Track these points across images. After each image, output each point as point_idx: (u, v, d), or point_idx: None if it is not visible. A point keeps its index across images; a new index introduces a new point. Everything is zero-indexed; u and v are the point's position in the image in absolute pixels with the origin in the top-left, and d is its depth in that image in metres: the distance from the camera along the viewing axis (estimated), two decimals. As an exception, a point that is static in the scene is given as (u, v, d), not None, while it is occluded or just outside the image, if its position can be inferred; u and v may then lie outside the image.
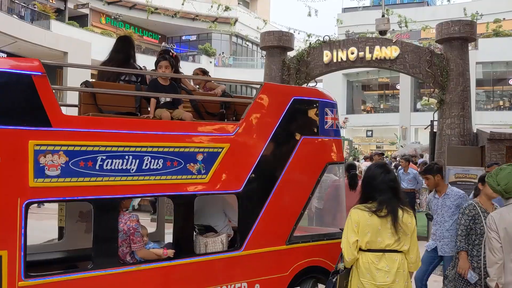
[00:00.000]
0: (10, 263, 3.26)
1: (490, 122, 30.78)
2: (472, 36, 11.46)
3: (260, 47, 13.80)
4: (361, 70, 36.72)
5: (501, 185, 3.82)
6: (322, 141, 4.93)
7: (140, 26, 36.78)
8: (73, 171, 3.50)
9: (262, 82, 4.81)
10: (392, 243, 3.44)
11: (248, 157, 4.42)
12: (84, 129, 3.59)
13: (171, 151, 3.95)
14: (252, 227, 4.43)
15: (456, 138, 11.16)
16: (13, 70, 3.36)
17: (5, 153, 3.27)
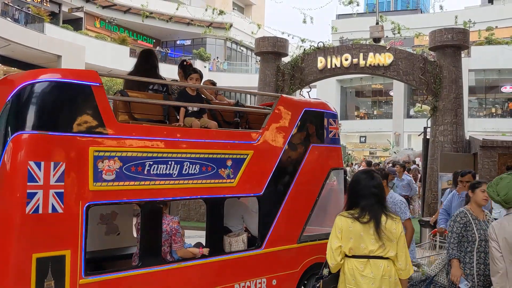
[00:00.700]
0: (73, 262, 3.48)
1: (482, 129, 30.99)
2: (465, 43, 11.54)
3: (254, 53, 13.82)
4: (354, 77, 36.87)
5: (501, 195, 3.82)
6: (327, 148, 5.42)
7: (134, 30, 36.76)
8: (126, 175, 3.77)
9: (279, 94, 5.43)
10: (376, 249, 3.40)
11: (268, 163, 4.85)
12: (134, 136, 3.87)
13: (206, 157, 4.32)
14: (271, 227, 4.87)
15: (449, 145, 11.21)
16: (75, 81, 3.59)
17: (69, 159, 3.50)
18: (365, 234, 3.42)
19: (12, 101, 3.44)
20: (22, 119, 3.40)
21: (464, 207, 4.74)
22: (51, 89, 3.51)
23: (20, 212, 3.29)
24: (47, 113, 3.49)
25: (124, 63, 30.67)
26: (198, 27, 34.89)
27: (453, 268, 4.48)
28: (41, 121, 3.44)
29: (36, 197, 3.34)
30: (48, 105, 3.50)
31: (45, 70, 3.73)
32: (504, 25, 32.19)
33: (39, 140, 3.40)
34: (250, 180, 4.71)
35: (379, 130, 37.07)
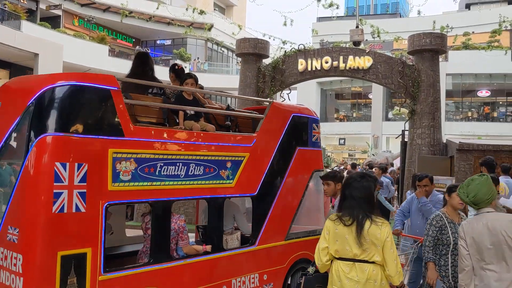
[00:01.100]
0: (93, 259, 3.63)
1: (459, 133, 31.53)
2: (443, 48, 11.73)
3: (235, 54, 13.81)
4: (334, 79, 37.13)
5: (470, 197, 3.90)
6: (310, 151, 5.80)
7: (114, 29, 36.35)
8: (140, 176, 3.96)
9: (271, 100, 5.72)
10: (360, 253, 3.42)
11: (261, 165, 5.15)
12: (148, 138, 4.05)
13: (209, 159, 4.56)
14: (263, 225, 5.18)
15: (426, 147, 11.36)
16: (96, 85, 3.73)
17: (91, 160, 3.64)
18: (350, 237, 3.44)
19: (36, 104, 3.54)
20: (48, 122, 3.52)
21: (440, 210, 4.82)
22: (74, 92, 3.63)
23: (47, 211, 3.41)
24: (71, 116, 3.62)
25: (103, 62, 30.32)
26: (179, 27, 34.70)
27: (429, 271, 4.55)
28: (66, 124, 3.56)
29: (61, 197, 3.47)
30: (72, 108, 3.63)
31: (64, 74, 3.87)
32: (480, 31, 32.82)
33: (65, 142, 3.53)
34: (246, 181, 4.99)
35: (358, 132, 37.41)
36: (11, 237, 3.49)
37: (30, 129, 3.54)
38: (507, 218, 3.82)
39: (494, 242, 3.72)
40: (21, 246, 3.43)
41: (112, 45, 33.65)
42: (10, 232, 3.50)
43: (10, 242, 3.48)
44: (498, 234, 3.71)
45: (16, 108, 3.67)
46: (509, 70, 33.85)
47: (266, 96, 12.68)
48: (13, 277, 3.45)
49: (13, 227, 3.48)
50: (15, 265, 3.43)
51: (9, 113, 3.74)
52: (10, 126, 3.68)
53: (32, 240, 3.42)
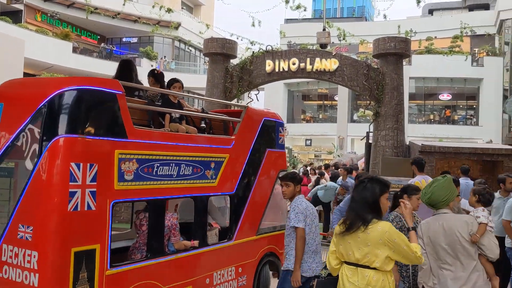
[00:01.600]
0: (101, 255, 3.81)
1: (421, 135, 32.31)
2: (407, 52, 12.00)
3: (203, 53, 13.73)
4: (301, 80, 37.44)
5: (426, 198, 4.02)
6: (277, 152, 6.24)
7: (78, 26, 35.52)
8: (140, 176, 4.19)
9: (246, 105, 6.12)
10: (361, 258, 3.35)
11: (239, 165, 5.52)
12: (147, 140, 4.28)
13: (197, 160, 4.86)
14: (239, 221, 5.56)
15: (390, 149, 11.59)
16: (104, 89, 3.93)
17: (101, 160, 3.84)
18: (351, 241, 3.39)
19: (48, 106, 3.70)
20: (62, 124, 3.68)
21: (397, 211, 4.88)
22: (86, 96, 3.82)
23: (63, 209, 3.57)
24: (84, 119, 3.80)
25: (67, 60, 29.59)
26: (145, 25, 34.22)
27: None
28: (79, 126, 3.74)
29: (76, 195, 3.64)
30: (84, 111, 3.81)
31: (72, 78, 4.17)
32: (442, 36, 33.78)
33: (79, 143, 3.71)
34: (226, 181, 5.35)
35: (324, 133, 37.84)
36: (24, 235, 3.59)
37: (44, 131, 3.69)
38: (461, 219, 3.95)
39: (449, 242, 3.85)
40: (36, 243, 3.54)
41: (76, 42, 32.89)
42: (22, 230, 3.60)
43: (23, 240, 3.58)
44: (453, 234, 3.83)
45: (25, 109, 3.80)
46: (469, 74, 34.99)
47: (233, 97, 12.67)
48: (26, 274, 3.56)
49: (26, 225, 3.59)
50: (29, 262, 3.54)
51: (16, 114, 3.86)
52: (18, 127, 3.78)
53: (48, 238, 3.56)
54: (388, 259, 3.33)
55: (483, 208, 4.92)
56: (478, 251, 3.89)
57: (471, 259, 3.83)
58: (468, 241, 3.82)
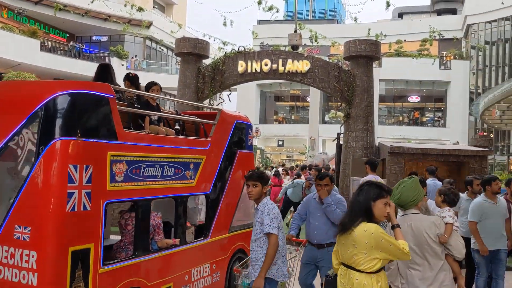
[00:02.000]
0: (95, 253, 3.92)
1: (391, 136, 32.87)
2: (377, 55, 12.17)
3: (174, 53, 13.61)
4: (274, 82, 37.57)
5: (395, 198, 4.08)
6: (247, 153, 6.47)
7: (46, 23, 34.72)
8: (129, 177, 4.30)
9: (220, 108, 6.23)
10: (349, 258, 3.39)
11: (214, 166, 5.72)
12: (134, 142, 4.40)
13: (178, 161, 5.02)
14: (214, 219, 5.76)
15: (360, 150, 11.74)
16: (98, 93, 4.03)
17: (95, 162, 3.94)
18: (345, 242, 3.43)
19: (45, 110, 3.77)
20: (60, 127, 3.77)
21: None
22: (81, 100, 3.91)
23: (62, 210, 3.67)
24: (80, 122, 3.89)
25: (34, 58, 28.89)
26: (116, 24, 33.73)
27: None
28: (76, 129, 3.83)
29: (73, 196, 3.74)
30: (80, 114, 3.91)
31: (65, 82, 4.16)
32: (411, 39, 34.44)
33: (76, 145, 3.80)
34: (203, 181, 5.54)
35: (296, 134, 38.10)
36: (21, 236, 3.65)
37: (41, 133, 3.75)
38: (429, 220, 4.02)
39: (417, 242, 3.90)
40: (35, 243, 3.61)
41: (44, 40, 32.14)
42: (19, 231, 3.66)
43: (20, 240, 3.65)
44: (421, 235, 3.90)
45: (18, 112, 3.87)
46: (437, 77, 35.82)
47: (205, 97, 12.60)
48: (24, 274, 3.63)
49: (24, 226, 3.66)
50: (27, 262, 3.62)
51: (8, 116, 3.92)
52: (12, 130, 3.83)
53: (47, 237, 3.65)
54: (375, 260, 3.33)
55: (449, 208, 4.97)
56: (445, 251, 3.97)
57: (438, 259, 3.91)
58: (435, 241, 3.89)
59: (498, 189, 6.22)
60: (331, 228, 5.38)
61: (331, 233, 5.34)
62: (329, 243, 5.41)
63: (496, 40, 37.00)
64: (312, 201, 5.70)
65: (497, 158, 35.06)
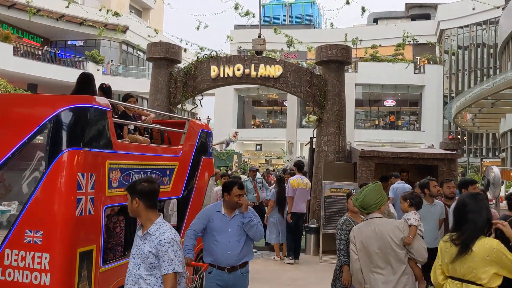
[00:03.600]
0: (97, 254, 4.27)
1: (367, 140, 33.27)
2: (348, 60, 12.26)
3: (146, 58, 13.51)
4: (251, 86, 37.66)
5: (358, 202, 4.13)
6: (209, 160, 6.90)
7: (20, 27, 34.16)
8: (122, 183, 4.62)
9: (189, 118, 6.71)
10: (467, 273, 3.33)
11: (184, 171, 6.07)
12: (125, 151, 4.77)
13: (158, 168, 5.39)
14: (184, 221, 6.12)
15: (332, 154, 11.81)
16: (100, 107, 4.39)
17: (97, 170, 4.29)
18: (458, 257, 3.36)
19: (55, 122, 4.12)
20: (69, 138, 4.13)
21: (346, 214, 5.08)
22: (86, 113, 4.27)
23: (72, 215, 4.01)
24: (87, 133, 4.25)
25: (7, 62, 28.38)
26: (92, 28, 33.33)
27: (344, 273, 4.76)
28: (82, 140, 4.19)
29: (81, 202, 4.09)
30: (86, 126, 4.27)
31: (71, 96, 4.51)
32: (387, 44, 34.94)
33: (83, 155, 4.15)
34: (176, 186, 5.89)
35: (274, 138, 38.20)
36: (32, 239, 3.96)
37: (51, 144, 4.10)
38: (392, 224, 4.08)
39: (381, 246, 3.95)
40: (47, 246, 3.93)
41: (17, 44, 31.60)
42: (30, 235, 3.96)
43: (31, 244, 3.96)
44: (384, 239, 3.94)
45: (27, 124, 4.19)
46: (411, 82, 36.39)
47: (178, 102, 12.54)
48: (36, 275, 3.92)
49: (35, 231, 3.97)
50: (39, 264, 3.92)
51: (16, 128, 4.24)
52: (21, 140, 4.15)
53: (59, 240, 3.97)
54: (495, 275, 3.27)
55: (415, 212, 5.08)
56: (408, 255, 4.03)
57: (401, 263, 3.95)
58: (399, 245, 3.93)
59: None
60: (246, 246, 4.67)
61: (245, 252, 4.66)
62: (243, 263, 4.66)
63: (468, 45, 37.80)
64: (216, 216, 4.68)
65: (471, 161, 35.74)
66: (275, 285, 8.07)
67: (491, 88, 19.69)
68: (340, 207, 10.22)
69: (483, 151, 36.08)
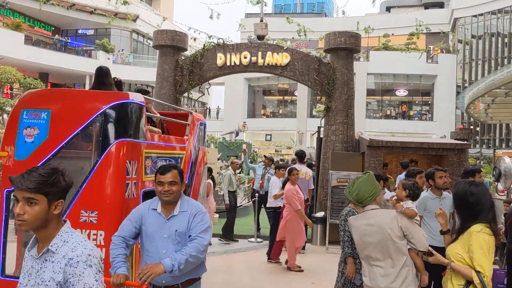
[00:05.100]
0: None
1: (378, 130, 32.93)
2: (357, 47, 12.03)
3: (152, 46, 13.38)
4: (262, 75, 37.47)
5: (353, 195, 3.98)
6: (204, 149, 7.41)
7: (31, 16, 34.30)
8: (152, 170, 5.06)
9: (191, 110, 7.16)
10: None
11: (188, 160, 6.54)
12: (154, 141, 5.28)
13: (172, 156, 5.83)
14: None
15: (340, 144, 11.63)
16: (139, 102, 4.90)
17: (138, 158, 4.80)
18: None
19: (106, 115, 4.60)
20: (120, 130, 4.63)
21: (349, 205, 4.92)
22: (132, 107, 4.79)
23: (123, 197, 4.48)
24: (132, 125, 4.77)
25: (19, 51, 28.51)
26: (102, 17, 33.35)
27: (348, 265, 4.62)
28: (129, 131, 4.71)
29: (129, 186, 4.58)
30: (132, 119, 4.78)
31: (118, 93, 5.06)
32: (399, 33, 34.45)
33: (130, 145, 4.67)
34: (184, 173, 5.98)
35: (284, 128, 38.04)
36: (88, 219, 4.38)
37: (103, 135, 4.57)
38: (390, 215, 3.93)
39: (380, 239, 3.81)
40: (101, 224, 4.36)
41: (29, 33, 31.72)
42: (85, 215, 4.38)
43: (87, 223, 4.38)
44: (383, 231, 3.81)
45: (79, 116, 4.62)
46: (424, 71, 35.88)
47: (184, 91, 12.43)
48: None
49: (90, 211, 4.39)
50: (95, 240, 4.35)
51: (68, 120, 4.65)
52: (73, 131, 4.59)
53: (112, 219, 4.37)
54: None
55: (412, 202, 4.96)
56: (408, 245, 3.90)
57: (401, 255, 3.82)
58: (399, 235, 3.81)
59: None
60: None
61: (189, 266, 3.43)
62: (186, 281, 3.57)
63: (483, 34, 37.15)
64: (151, 215, 3.60)
65: (483, 151, 35.26)
66: (280, 275, 7.99)
67: (504, 77, 19.30)
68: (347, 197, 10.07)
69: (496, 141, 35.58)
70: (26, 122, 4.71)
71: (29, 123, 4.73)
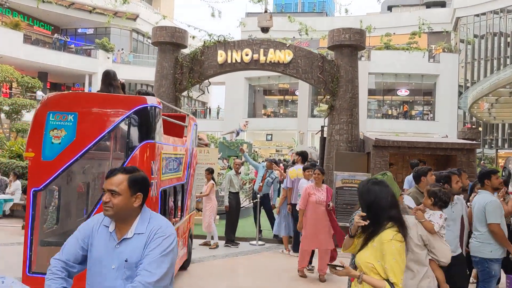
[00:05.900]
0: None
1: (380, 130, 32.62)
2: (361, 44, 11.70)
3: (151, 42, 13.06)
4: (262, 75, 37.20)
5: None
6: (196, 149, 7.83)
7: (30, 15, 34.01)
8: (166, 170, 5.46)
9: (188, 113, 7.47)
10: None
11: (187, 159, 6.89)
12: (165, 143, 5.53)
13: (177, 157, 6.19)
14: (186, 202, 7.15)
15: (344, 143, 11.31)
16: (158, 106, 5.12)
17: (158, 159, 5.09)
18: None
19: (132, 118, 4.90)
20: (146, 132, 4.92)
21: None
22: (153, 111, 5.04)
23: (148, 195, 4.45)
24: (155, 128, 5.04)
25: (17, 50, 28.22)
26: (102, 16, 33.09)
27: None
28: (153, 134, 4.98)
29: (152, 185, 4.87)
30: (154, 122, 5.04)
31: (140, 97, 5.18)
32: (401, 32, 34.18)
33: (153, 146, 4.96)
34: (183, 172, 6.75)
35: (285, 128, 37.76)
36: None
37: (129, 137, 4.87)
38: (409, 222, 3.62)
39: None
40: None
41: (27, 32, 31.42)
42: None
43: None
44: None
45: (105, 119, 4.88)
46: (426, 71, 35.59)
47: (183, 89, 12.12)
48: None
49: None
50: None
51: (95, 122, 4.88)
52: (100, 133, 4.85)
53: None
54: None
55: (441, 214, 4.03)
56: (429, 255, 3.61)
57: (421, 265, 3.54)
58: (418, 244, 3.53)
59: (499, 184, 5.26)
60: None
61: None
62: None
63: (485, 33, 36.87)
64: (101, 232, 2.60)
65: (486, 152, 34.98)
66: (283, 279, 7.69)
67: (509, 76, 19.01)
68: (352, 199, 9.78)
69: (498, 141, 35.29)
70: (53, 124, 4.90)
71: (56, 125, 4.92)
